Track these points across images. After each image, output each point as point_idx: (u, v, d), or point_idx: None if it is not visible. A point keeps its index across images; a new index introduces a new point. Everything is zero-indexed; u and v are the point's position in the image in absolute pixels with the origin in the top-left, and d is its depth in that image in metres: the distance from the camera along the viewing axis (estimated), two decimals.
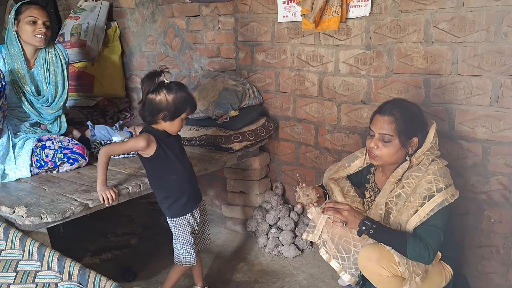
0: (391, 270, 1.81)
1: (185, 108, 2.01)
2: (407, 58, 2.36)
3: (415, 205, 1.82)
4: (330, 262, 2.16)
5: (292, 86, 2.91)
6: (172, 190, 2.11)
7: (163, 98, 1.96)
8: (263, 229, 2.93)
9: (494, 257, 2.28)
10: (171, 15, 3.53)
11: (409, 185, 1.87)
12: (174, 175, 2.09)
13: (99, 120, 3.49)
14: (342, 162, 2.21)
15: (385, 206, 1.95)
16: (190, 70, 3.53)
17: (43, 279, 1.62)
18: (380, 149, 1.89)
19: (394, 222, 1.92)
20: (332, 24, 2.50)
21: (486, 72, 2.13)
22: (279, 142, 3.09)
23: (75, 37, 3.76)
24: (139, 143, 1.99)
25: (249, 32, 3.04)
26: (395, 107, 1.90)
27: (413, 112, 1.91)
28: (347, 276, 2.13)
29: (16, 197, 2.08)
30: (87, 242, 3.03)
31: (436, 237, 1.79)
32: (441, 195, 1.79)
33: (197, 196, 2.24)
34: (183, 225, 2.16)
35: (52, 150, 2.42)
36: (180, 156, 2.13)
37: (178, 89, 1.99)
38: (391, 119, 1.86)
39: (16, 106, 2.55)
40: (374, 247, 1.86)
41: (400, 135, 1.86)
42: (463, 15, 2.14)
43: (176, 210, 2.14)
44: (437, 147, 1.92)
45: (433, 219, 1.79)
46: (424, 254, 1.76)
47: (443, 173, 1.84)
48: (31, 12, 2.50)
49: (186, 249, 2.18)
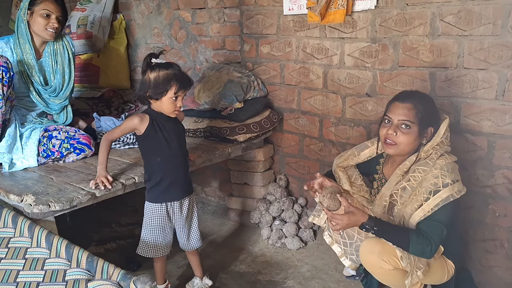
0: (392, 263, 1.82)
1: (168, 85, 1.99)
2: (413, 51, 2.36)
3: (420, 199, 1.82)
4: (333, 246, 2.19)
5: (297, 78, 2.91)
6: (155, 172, 2.10)
7: (146, 77, 2.01)
8: (267, 221, 2.95)
9: (498, 251, 2.29)
10: (177, 8, 3.53)
11: (415, 178, 1.86)
12: (160, 157, 2.08)
13: (104, 111, 3.49)
14: (351, 151, 2.20)
15: (390, 198, 1.95)
16: (195, 62, 3.53)
17: (52, 266, 1.64)
18: (398, 136, 1.89)
19: (397, 214, 1.92)
20: (337, 17, 2.50)
21: (492, 65, 2.13)
22: (284, 134, 3.09)
23: (81, 28, 3.77)
24: (132, 120, 2.04)
25: (254, 25, 3.04)
26: (415, 95, 1.92)
27: (431, 103, 1.93)
28: (348, 262, 2.17)
29: (24, 186, 2.09)
30: (92, 232, 3.06)
31: (439, 232, 1.79)
32: (447, 190, 1.78)
33: (183, 189, 2.18)
34: (156, 212, 2.12)
35: (58, 140, 2.44)
36: (173, 142, 2.11)
37: (162, 68, 2.00)
38: (411, 106, 1.87)
39: (24, 95, 2.56)
40: (376, 240, 1.87)
41: (419, 123, 1.87)
42: (470, 8, 2.14)
43: (154, 195, 2.12)
44: (447, 142, 1.92)
45: (437, 214, 1.79)
46: (426, 249, 1.77)
47: (450, 168, 1.83)
48: (47, 5, 2.50)
49: (153, 238, 2.14)
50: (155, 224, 2.14)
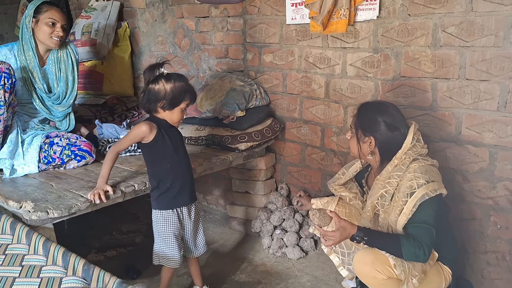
0: (386, 272, 1.82)
1: (183, 97, 2.04)
2: (415, 61, 2.35)
3: (400, 204, 1.83)
4: (330, 256, 2.24)
5: (299, 87, 2.91)
6: (164, 178, 2.10)
7: (161, 87, 2.01)
8: (268, 230, 2.94)
9: (499, 263, 2.26)
10: (181, 16, 3.55)
11: (391, 185, 1.89)
12: (169, 163, 2.09)
13: (107, 118, 3.51)
14: (341, 170, 2.30)
15: (373, 208, 1.98)
16: (199, 70, 3.55)
17: (48, 273, 1.63)
18: (349, 141, 2.08)
19: (383, 223, 1.93)
20: (340, 27, 2.50)
21: (494, 77, 2.12)
22: (285, 143, 3.09)
23: (86, 36, 3.80)
24: (141, 128, 2.03)
25: (257, 34, 3.05)
26: (363, 106, 2.04)
27: (375, 113, 1.96)
28: (345, 272, 2.20)
29: (23, 192, 2.10)
30: (92, 239, 3.06)
31: (428, 233, 1.78)
32: (421, 190, 1.80)
33: (190, 195, 2.20)
34: (168, 219, 2.12)
35: (60, 147, 2.44)
36: (179, 147, 2.14)
37: (176, 79, 2.04)
38: (356, 113, 2.03)
39: (27, 102, 2.57)
40: (368, 251, 1.87)
41: (356, 128, 2.00)
42: (472, 19, 2.13)
43: (164, 202, 2.12)
44: (421, 146, 1.93)
45: (420, 216, 1.79)
46: (419, 252, 1.76)
47: (424, 170, 1.84)
48: (52, 14, 2.52)
49: (170, 247, 2.14)
50: (168, 231, 2.13)
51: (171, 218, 2.13)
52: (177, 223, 2.14)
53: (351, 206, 2.22)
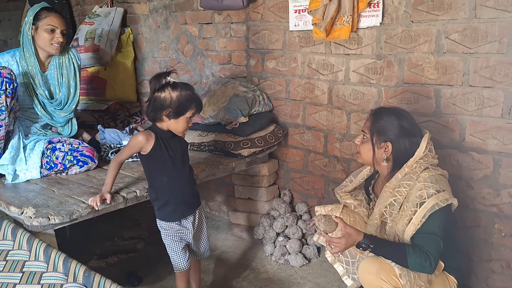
0: (391, 282, 1.79)
1: (189, 106, 2.02)
2: (418, 68, 2.34)
3: (408, 214, 1.81)
4: (335, 264, 2.21)
5: (302, 93, 2.91)
6: (162, 192, 2.09)
7: (167, 95, 1.99)
8: (270, 237, 2.92)
9: (504, 271, 2.24)
10: (184, 22, 3.56)
11: (400, 193, 1.87)
12: (166, 177, 2.08)
13: (110, 123, 3.52)
14: (349, 177, 2.26)
15: (381, 216, 1.95)
16: (202, 76, 3.55)
17: (48, 280, 1.63)
18: (359, 146, 2.01)
19: (390, 232, 1.91)
20: (343, 33, 2.50)
21: (498, 83, 2.11)
22: (288, 149, 3.08)
23: (89, 42, 3.81)
24: (137, 138, 2.02)
25: (260, 40, 3.05)
26: (380, 110, 2.00)
27: (394, 118, 1.93)
28: (350, 281, 2.16)
29: (25, 198, 2.10)
30: (94, 245, 3.05)
31: (435, 244, 1.76)
32: (432, 200, 1.77)
33: (191, 205, 2.19)
34: (170, 231, 2.13)
35: (62, 153, 2.44)
36: (178, 160, 2.10)
37: (183, 88, 2.02)
38: (372, 118, 1.97)
39: (28, 107, 2.58)
40: (373, 260, 1.84)
41: (372, 133, 1.95)
42: (475, 26, 2.12)
43: (165, 214, 2.12)
44: (432, 156, 1.91)
45: (429, 226, 1.77)
46: (425, 263, 1.73)
47: (434, 180, 1.82)
48: (51, 20, 2.53)
49: (176, 253, 2.14)
50: (172, 239, 2.14)
51: (173, 228, 2.13)
52: (180, 231, 2.14)
53: (355, 214, 2.20)
